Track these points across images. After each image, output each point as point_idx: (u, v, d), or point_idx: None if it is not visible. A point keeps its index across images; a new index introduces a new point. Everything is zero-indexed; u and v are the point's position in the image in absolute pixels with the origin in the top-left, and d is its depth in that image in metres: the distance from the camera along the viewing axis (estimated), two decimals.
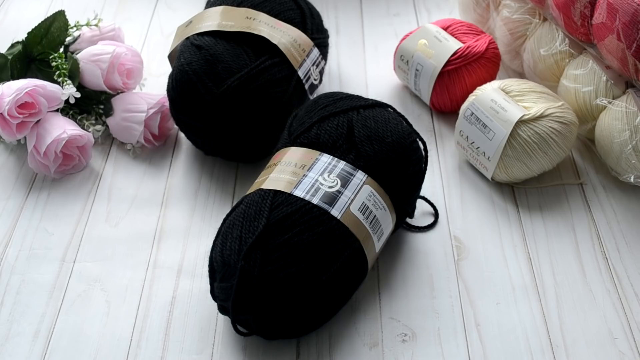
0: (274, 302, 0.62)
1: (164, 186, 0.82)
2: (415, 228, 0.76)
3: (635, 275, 0.72)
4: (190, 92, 0.78)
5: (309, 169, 0.67)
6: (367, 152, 0.68)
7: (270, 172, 0.68)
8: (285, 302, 0.62)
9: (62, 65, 0.85)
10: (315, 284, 0.63)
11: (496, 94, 0.79)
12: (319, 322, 0.67)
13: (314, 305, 0.64)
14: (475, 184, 0.81)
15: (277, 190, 0.66)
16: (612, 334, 0.67)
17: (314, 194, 0.65)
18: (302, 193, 0.65)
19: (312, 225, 0.64)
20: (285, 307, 0.63)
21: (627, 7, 0.71)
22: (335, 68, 0.98)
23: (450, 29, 0.89)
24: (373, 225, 0.67)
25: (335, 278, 0.64)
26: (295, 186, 0.66)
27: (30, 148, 0.81)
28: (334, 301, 0.66)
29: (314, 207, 0.65)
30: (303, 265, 0.62)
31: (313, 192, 0.65)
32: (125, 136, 0.85)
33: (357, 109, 0.71)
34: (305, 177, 0.66)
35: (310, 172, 0.67)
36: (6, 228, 0.78)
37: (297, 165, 0.68)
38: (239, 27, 0.81)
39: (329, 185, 0.66)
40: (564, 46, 0.84)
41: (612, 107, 0.78)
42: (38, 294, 0.71)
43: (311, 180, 0.66)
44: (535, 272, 0.72)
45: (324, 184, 0.66)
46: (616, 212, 0.78)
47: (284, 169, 0.68)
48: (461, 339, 0.67)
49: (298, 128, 0.72)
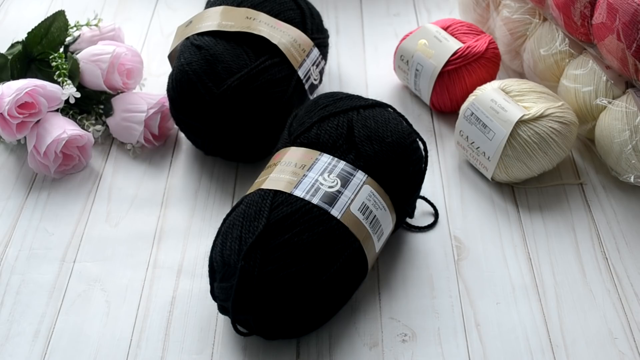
0: (274, 302, 0.62)
1: (164, 186, 0.82)
2: (415, 228, 0.76)
3: (635, 275, 0.72)
4: (190, 92, 0.78)
5: (309, 169, 0.67)
6: (367, 152, 0.68)
7: (270, 172, 0.68)
8: (285, 302, 0.62)
9: (62, 65, 0.85)
10: (315, 284, 0.63)
11: (496, 94, 0.79)
12: (319, 322, 0.67)
13: (314, 305, 0.64)
14: (475, 184, 0.81)
15: (277, 190, 0.66)
16: (612, 334, 0.67)
17: (314, 194, 0.65)
18: (302, 193, 0.65)
19: (312, 225, 0.64)
20: (285, 307, 0.63)
21: (627, 7, 0.71)
22: (335, 68, 0.98)
23: (450, 29, 0.89)
24: (373, 225, 0.67)
25: (335, 278, 0.64)
26: (295, 186, 0.66)
27: (30, 148, 0.81)
28: (334, 301, 0.66)
29: (314, 207, 0.65)
30: (303, 265, 0.62)
31: (313, 192, 0.65)
32: (125, 136, 0.85)
33: (357, 109, 0.71)
34: (305, 177, 0.66)
35: (310, 172, 0.67)
36: (6, 228, 0.78)
37: (297, 165, 0.68)
38: (239, 27, 0.81)
39: (329, 185, 0.66)
40: (564, 46, 0.84)
41: (612, 107, 0.78)
42: (38, 294, 0.71)
43: (311, 180, 0.66)
44: (535, 272, 0.72)
45: (324, 184, 0.66)
46: (616, 212, 0.78)
47: (284, 169, 0.68)
48: (461, 339, 0.67)
49: (298, 128, 0.72)
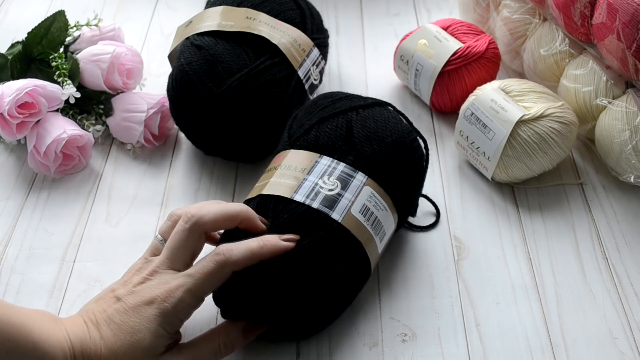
0: (277, 307, 0.62)
1: (164, 186, 0.82)
2: (417, 228, 0.76)
3: (635, 275, 0.72)
4: (190, 92, 0.78)
5: (308, 172, 0.67)
6: (367, 153, 0.68)
7: (270, 176, 0.68)
8: (288, 306, 0.62)
9: (62, 65, 0.85)
10: (318, 287, 0.63)
11: (496, 94, 0.79)
12: (323, 325, 0.67)
13: (317, 309, 0.64)
14: (475, 184, 0.81)
15: (278, 197, 0.66)
16: (612, 334, 0.67)
17: (314, 198, 0.65)
18: (302, 198, 0.65)
19: (313, 231, 0.63)
20: (289, 311, 0.63)
21: (627, 7, 0.71)
22: (335, 68, 0.98)
23: (450, 29, 0.89)
24: (375, 226, 0.67)
25: (338, 281, 0.64)
26: (295, 191, 0.65)
27: (30, 148, 0.81)
28: (338, 304, 0.66)
29: (314, 211, 0.64)
30: (305, 270, 0.62)
31: (313, 196, 0.65)
32: (125, 136, 0.85)
33: (356, 109, 0.71)
34: (305, 180, 0.66)
35: (310, 176, 0.66)
36: (6, 228, 0.78)
37: (297, 169, 0.67)
38: (239, 27, 0.81)
39: (328, 189, 0.66)
40: (564, 46, 0.84)
41: (612, 107, 0.78)
42: (38, 294, 0.71)
43: (311, 184, 0.66)
44: (535, 272, 0.72)
45: (323, 187, 0.66)
46: (616, 212, 0.78)
47: (284, 172, 0.67)
48: (461, 339, 0.67)
49: (297, 130, 0.71)
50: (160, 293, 0.59)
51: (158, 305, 0.58)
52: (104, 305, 0.60)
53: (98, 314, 0.60)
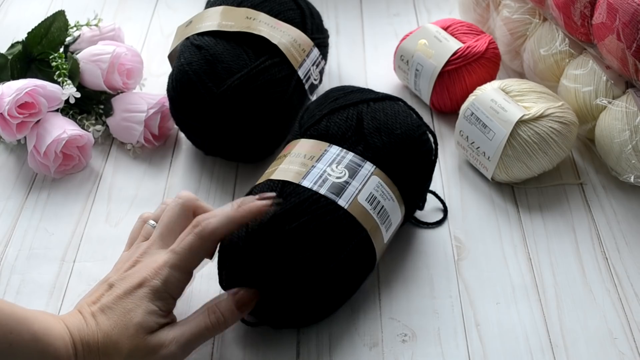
0: (282, 288, 0.63)
1: (164, 186, 0.82)
2: (424, 224, 0.76)
3: (635, 275, 0.72)
4: (190, 92, 0.79)
5: (317, 160, 0.68)
6: (376, 144, 0.69)
7: (280, 163, 0.69)
8: (293, 288, 0.63)
9: (62, 65, 0.85)
10: (323, 270, 0.63)
11: (496, 94, 0.79)
12: (326, 312, 0.67)
13: (322, 292, 0.65)
14: (475, 184, 0.81)
15: (286, 181, 0.66)
16: (612, 334, 0.67)
17: (322, 184, 0.66)
18: (310, 184, 0.66)
19: (319, 215, 0.64)
20: (293, 293, 0.63)
21: (627, 7, 0.71)
22: (335, 68, 0.98)
23: (450, 29, 0.89)
24: (381, 215, 0.67)
25: (343, 266, 0.65)
26: (303, 177, 0.66)
27: (30, 148, 0.81)
28: (341, 291, 0.67)
29: (322, 197, 0.65)
30: (310, 252, 0.63)
31: (321, 182, 0.66)
32: (125, 136, 0.85)
33: (367, 102, 0.72)
34: (313, 168, 0.67)
35: (319, 163, 0.67)
36: (6, 228, 0.78)
37: (306, 157, 0.68)
38: (239, 27, 0.81)
39: (336, 176, 0.67)
40: (564, 46, 0.84)
41: (612, 107, 0.78)
42: (38, 294, 0.71)
43: (319, 171, 0.67)
44: (535, 272, 0.72)
45: (331, 175, 0.67)
46: (616, 212, 0.78)
47: (294, 160, 0.68)
48: (461, 339, 0.67)
49: (308, 120, 0.73)
50: (148, 273, 0.60)
51: (148, 284, 0.60)
52: (98, 294, 0.61)
53: (93, 304, 0.61)
